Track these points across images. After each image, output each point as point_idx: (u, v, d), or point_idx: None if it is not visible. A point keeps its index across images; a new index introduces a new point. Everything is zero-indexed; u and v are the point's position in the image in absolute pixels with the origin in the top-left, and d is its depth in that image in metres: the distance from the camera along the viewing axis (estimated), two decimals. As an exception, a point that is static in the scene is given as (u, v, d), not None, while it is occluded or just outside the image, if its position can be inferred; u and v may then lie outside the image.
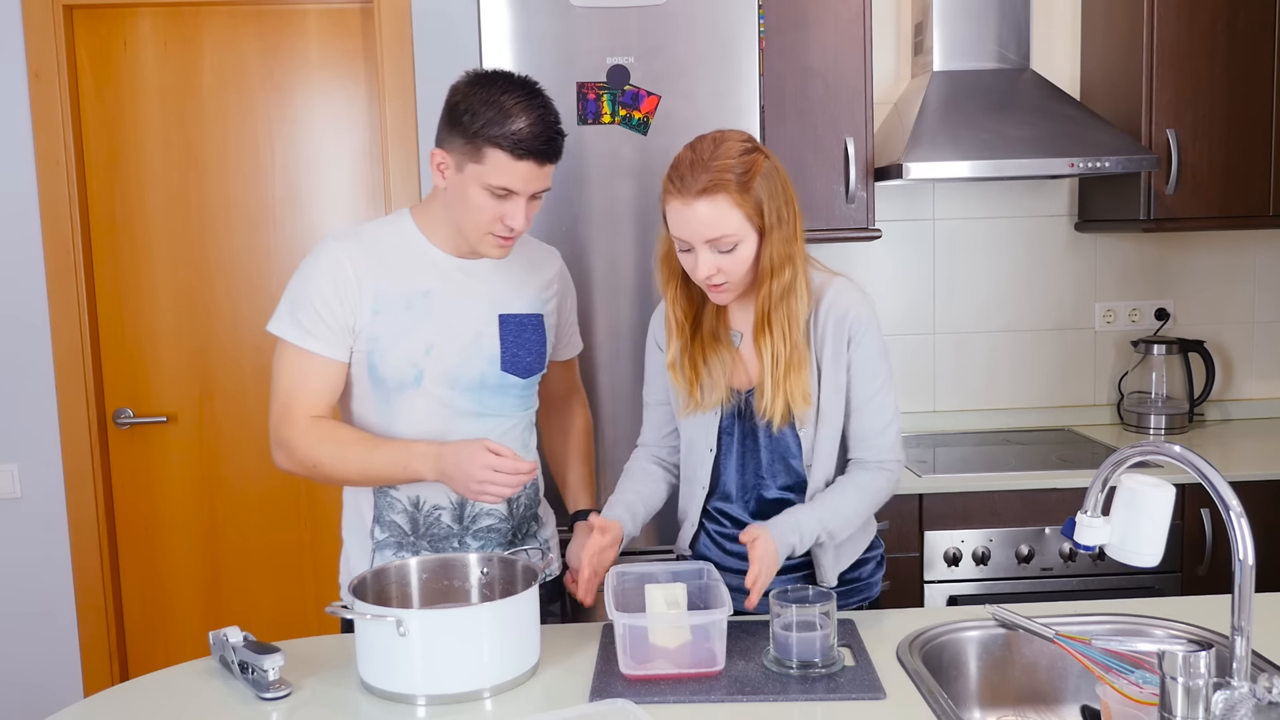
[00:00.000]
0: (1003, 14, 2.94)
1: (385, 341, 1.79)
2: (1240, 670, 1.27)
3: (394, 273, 1.81)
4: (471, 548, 1.87)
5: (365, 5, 3.08)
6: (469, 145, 1.72)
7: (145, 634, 3.22)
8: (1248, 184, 2.89)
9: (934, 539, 2.67)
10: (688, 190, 1.65)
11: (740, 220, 1.66)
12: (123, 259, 3.12)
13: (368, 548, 1.89)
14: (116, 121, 3.09)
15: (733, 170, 1.65)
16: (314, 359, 1.79)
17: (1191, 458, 1.31)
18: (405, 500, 1.85)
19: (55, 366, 3.04)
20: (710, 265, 1.68)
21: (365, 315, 1.79)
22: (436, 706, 1.49)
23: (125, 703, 1.56)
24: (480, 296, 1.86)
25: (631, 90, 2.39)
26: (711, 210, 1.65)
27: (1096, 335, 3.28)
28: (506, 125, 1.69)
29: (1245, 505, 1.28)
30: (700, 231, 1.66)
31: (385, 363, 1.80)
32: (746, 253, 1.69)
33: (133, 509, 3.18)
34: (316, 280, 1.78)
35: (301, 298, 1.79)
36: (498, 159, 1.70)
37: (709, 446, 1.84)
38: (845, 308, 1.76)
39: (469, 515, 1.87)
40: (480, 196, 1.73)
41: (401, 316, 1.80)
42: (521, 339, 1.89)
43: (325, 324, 1.78)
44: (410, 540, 1.86)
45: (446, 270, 1.84)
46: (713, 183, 1.64)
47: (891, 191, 3.18)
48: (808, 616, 1.54)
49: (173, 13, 3.06)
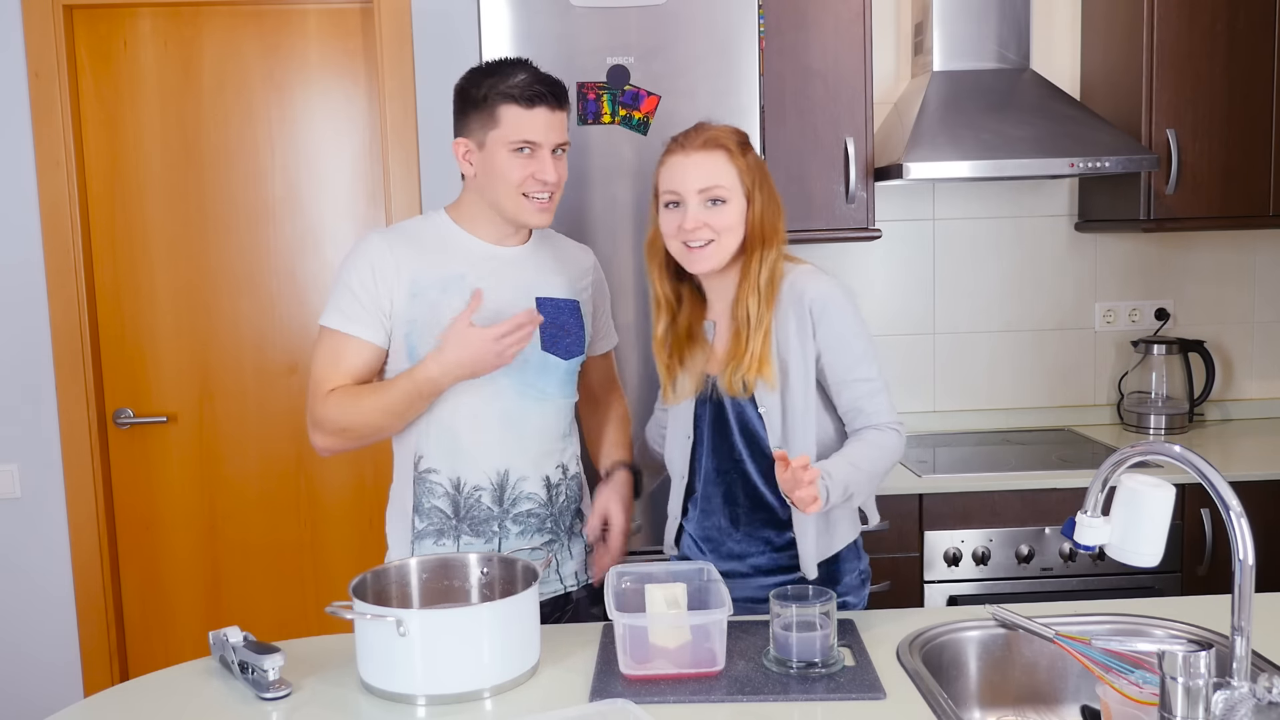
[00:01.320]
0: (1003, 14, 2.94)
1: (422, 323, 1.86)
2: (1240, 670, 1.27)
3: (431, 258, 1.89)
4: (511, 533, 1.91)
5: (365, 5, 3.08)
6: (483, 114, 1.84)
7: (145, 634, 3.22)
8: (1248, 184, 2.89)
9: (934, 539, 2.67)
10: (689, 144, 1.79)
11: (733, 178, 1.78)
12: (123, 259, 3.12)
13: (406, 540, 1.92)
14: (116, 121, 3.09)
15: (732, 137, 1.80)
16: (348, 340, 1.86)
17: (1191, 458, 1.31)
18: (446, 483, 1.90)
19: (55, 366, 3.05)
20: (697, 218, 1.76)
21: (402, 298, 1.86)
22: (436, 706, 1.49)
23: (125, 703, 1.57)
24: (517, 281, 1.93)
25: (632, 90, 2.40)
26: (709, 161, 1.77)
27: (1096, 335, 3.28)
28: (510, 79, 1.83)
29: (1245, 505, 1.28)
30: (695, 180, 1.77)
31: (424, 343, 1.85)
32: (732, 215, 1.78)
33: (133, 509, 3.18)
34: (357, 268, 1.87)
35: (342, 287, 1.88)
36: (512, 113, 1.83)
37: (687, 434, 1.90)
38: (804, 290, 1.80)
39: (509, 498, 1.91)
40: (508, 160, 1.84)
41: (438, 300, 1.87)
42: (560, 322, 1.95)
43: (361, 305, 1.86)
44: (452, 524, 1.90)
45: (483, 257, 1.92)
46: (712, 138, 1.79)
47: (891, 191, 3.18)
48: (808, 616, 1.54)
49: (173, 13, 3.06)
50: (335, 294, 1.89)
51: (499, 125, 1.83)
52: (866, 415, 1.81)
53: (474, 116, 1.86)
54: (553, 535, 1.96)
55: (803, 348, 1.79)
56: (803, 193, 2.84)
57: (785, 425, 1.80)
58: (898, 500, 2.64)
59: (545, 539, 1.95)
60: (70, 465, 3.07)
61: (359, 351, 1.87)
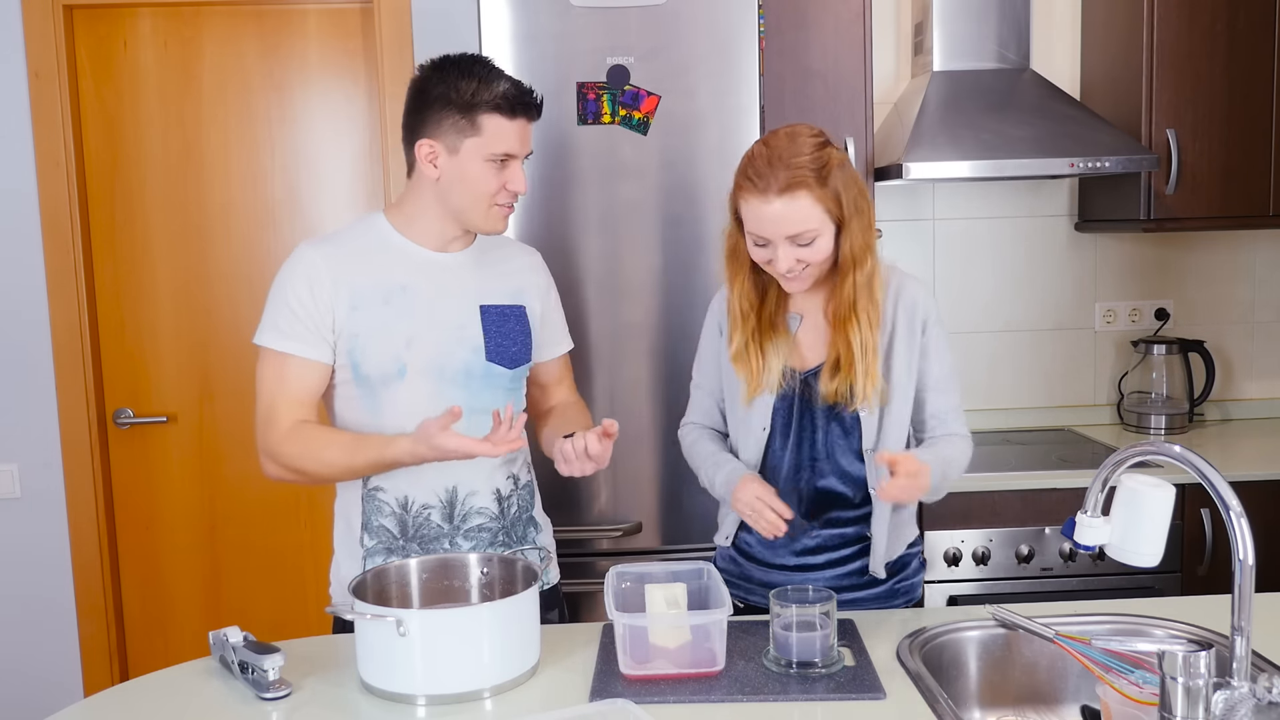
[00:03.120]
0: (1003, 14, 2.94)
1: (365, 337, 1.79)
2: (1240, 670, 1.27)
3: (370, 269, 1.82)
4: (463, 548, 1.86)
5: (365, 5, 3.08)
6: (463, 120, 1.75)
7: (145, 634, 3.22)
8: (1248, 184, 2.89)
9: (934, 539, 2.67)
10: (768, 188, 1.68)
11: (820, 215, 1.70)
12: (123, 259, 3.12)
13: (358, 555, 1.87)
14: (116, 121, 3.09)
15: (809, 166, 1.68)
16: (292, 360, 1.79)
17: (1191, 458, 1.31)
18: (393, 502, 1.84)
19: (55, 366, 3.05)
20: (790, 259, 1.71)
21: (343, 312, 1.79)
22: (436, 706, 1.49)
23: (125, 703, 1.57)
24: (460, 289, 1.86)
25: (631, 90, 2.39)
26: (792, 207, 1.68)
27: (1096, 335, 3.28)
28: (494, 89, 1.75)
29: (1245, 505, 1.28)
30: (782, 229, 1.69)
31: (367, 359, 1.80)
32: (825, 244, 1.73)
33: (133, 509, 3.18)
34: (292, 283, 1.79)
35: (278, 303, 1.80)
36: (494, 124, 1.75)
37: (763, 426, 1.85)
38: (916, 296, 1.82)
39: (459, 514, 1.86)
40: (482, 169, 1.77)
41: (380, 311, 1.80)
42: (505, 329, 1.88)
43: (301, 323, 1.78)
44: (400, 544, 1.85)
45: (423, 264, 1.85)
46: (793, 180, 1.67)
47: (892, 191, 3.18)
48: (808, 616, 1.54)
49: (173, 13, 3.06)
50: (271, 311, 1.80)
51: (480, 134, 1.75)
52: (947, 422, 1.85)
53: (448, 118, 1.76)
54: (505, 548, 1.90)
55: (909, 356, 1.81)
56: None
57: (881, 432, 1.81)
58: (898, 500, 2.64)
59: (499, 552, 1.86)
60: (70, 465, 3.07)
61: (304, 371, 1.79)
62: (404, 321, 1.81)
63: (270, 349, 1.79)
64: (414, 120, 1.81)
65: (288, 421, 1.78)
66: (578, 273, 2.49)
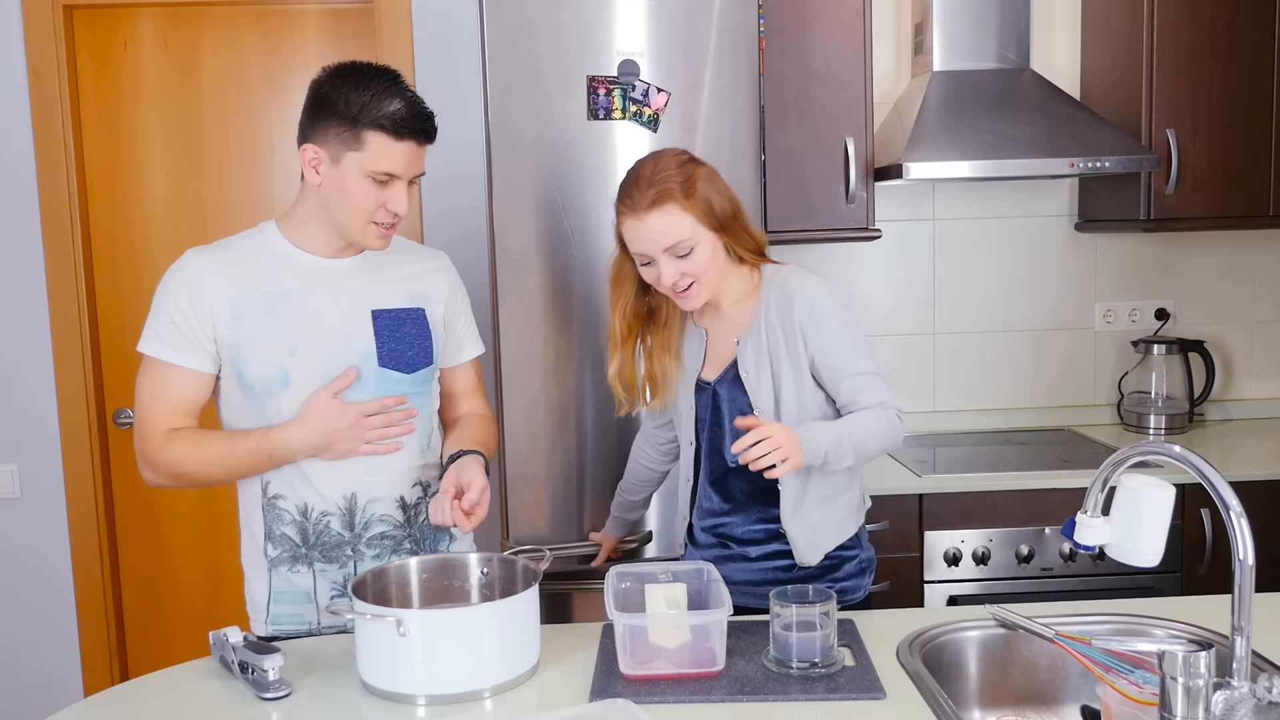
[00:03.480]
0: (1003, 14, 2.94)
1: (247, 347, 1.75)
2: (1240, 670, 1.27)
3: (254, 277, 1.78)
4: (366, 556, 1.82)
5: (365, 5, 3.08)
6: (347, 133, 1.70)
7: (145, 634, 3.22)
8: (1248, 184, 2.89)
9: (934, 539, 2.67)
10: (638, 206, 1.78)
11: (691, 224, 1.78)
12: (122, 259, 3.12)
13: (263, 568, 1.83)
14: (116, 121, 3.09)
15: (673, 180, 1.78)
16: (171, 370, 1.75)
17: (1191, 458, 1.31)
18: (294, 509, 1.80)
19: (55, 366, 3.05)
20: (673, 272, 1.79)
21: (225, 321, 1.75)
22: (436, 706, 1.49)
23: (125, 703, 1.57)
24: (349, 295, 1.81)
25: (643, 86, 2.38)
26: (662, 219, 1.77)
27: (1096, 335, 3.28)
28: (384, 107, 1.70)
29: (1245, 505, 1.28)
30: (657, 242, 1.78)
31: (250, 367, 1.76)
32: (703, 254, 1.79)
33: (133, 509, 3.18)
34: (172, 290, 1.75)
35: (158, 311, 1.76)
36: (379, 142, 1.70)
37: (689, 441, 1.95)
38: (794, 291, 1.83)
39: (359, 522, 1.82)
40: (361, 185, 1.72)
41: (263, 320, 1.75)
42: (400, 334, 1.83)
43: (180, 332, 1.74)
44: (302, 552, 1.81)
45: (312, 271, 1.80)
46: (659, 195, 1.77)
47: (891, 191, 3.18)
48: (808, 616, 1.54)
49: (173, 13, 3.06)
50: (152, 318, 1.76)
51: (362, 149, 1.70)
52: (866, 401, 1.84)
53: (334, 128, 1.71)
54: (413, 553, 1.86)
55: (791, 358, 1.83)
56: (803, 193, 2.84)
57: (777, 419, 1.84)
58: (898, 500, 2.64)
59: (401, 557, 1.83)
60: (70, 465, 3.07)
61: (184, 381, 1.75)
62: (287, 329, 1.76)
63: (150, 356, 1.76)
64: (305, 123, 1.77)
65: (164, 429, 1.75)
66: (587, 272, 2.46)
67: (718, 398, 1.89)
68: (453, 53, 3.00)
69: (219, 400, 1.83)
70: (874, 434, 1.79)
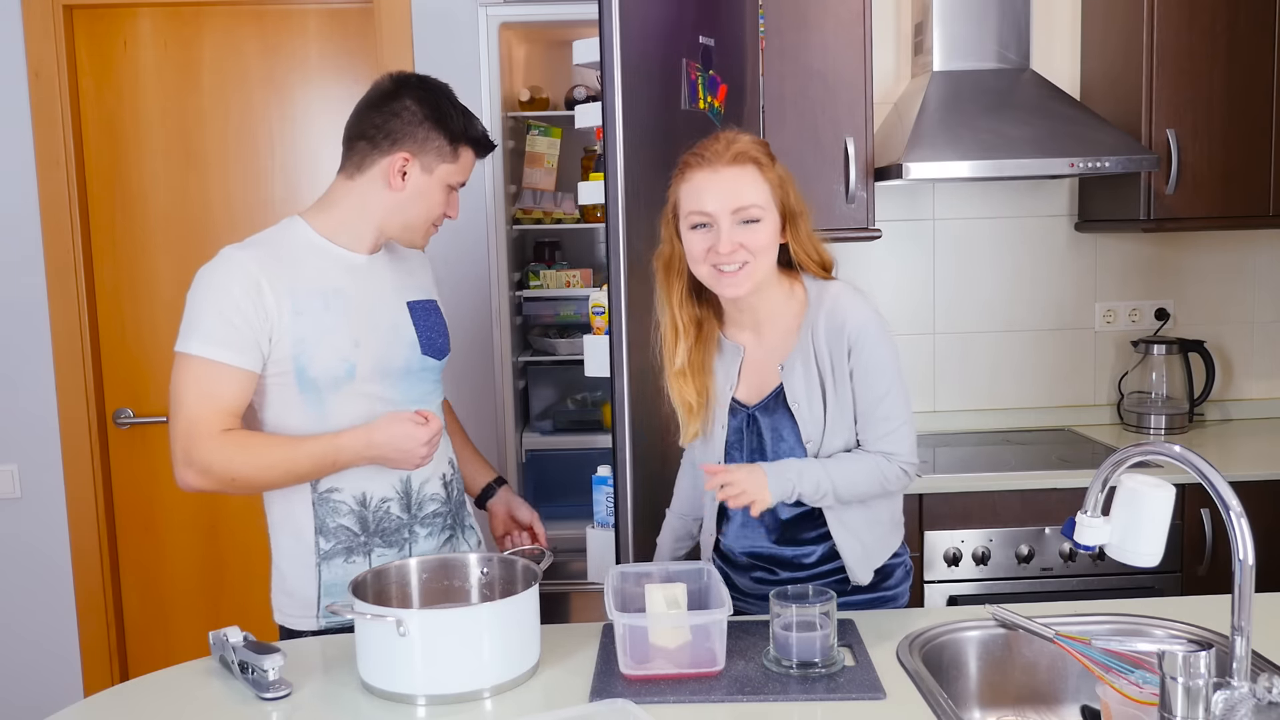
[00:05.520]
0: (1003, 14, 2.94)
1: (312, 341, 1.76)
2: (1240, 670, 1.27)
3: (304, 273, 1.79)
4: (419, 536, 1.87)
5: (365, 5, 3.08)
6: (447, 148, 1.83)
7: (145, 634, 3.22)
8: (1248, 184, 2.89)
9: (934, 539, 2.67)
10: (717, 159, 1.67)
11: (766, 194, 1.68)
12: (123, 259, 3.12)
13: (311, 564, 1.83)
14: (116, 121, 3.09)
15: (760, 149, 1.70)
16: (226, 370, 1.72)
17: (1191, 458, 1.31)
18: (351, 501, 1.82)
19: (55, 366, 3.05)
20: (732, 240, 1.66)
21: (286, 318, 1.74)
22: (436, 706, 1.49)
23: (125, 703, 1.57)
24: (386, 288, 1.88)
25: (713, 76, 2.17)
26: (741, 177, 1.67)
27: (1096, 335, 3.28)
28: (476, 128, 1.88)
29: (1245, 505, 1.28)
30: (729, 199, 1.66)
31: (315, 362, 1.76)
32: (767, 234, 1.68)
33: (133, 509, 3.18)
34: (227, 289, 1.73)
35: (208, 310, 1.73)
36: (468, 157, 1.88)
37: (718, 460, 1.82)
38: (844, 317, 1.71)
39: (415, 503, 1.88)
40: (440, 194, 1.86)
41: (322, 315, 1.78)
42: (430, 323, 1.94)
43: (237, 331, 1.72)
44: (360, 541, 1.83)
45: (350, 267, 1.84)
46: (742, 152, 1.68)
47: (891, 191, 3.18)
48: (808, 616, 1.54)
49: (173, 13, 3.06)
50: (200, 318, 1.72)
51: (456, 162, 1.85)
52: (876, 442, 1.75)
53: (434, 141, 1.81)
54: (452, 531, 1.94)
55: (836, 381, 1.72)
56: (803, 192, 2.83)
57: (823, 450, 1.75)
58: (898, 500, 2.64)
59: (446, 535, 1.93)
60: (70, 465, 3.07)
61: (234, 381, 1.73)
62: (347, 323, 1.79)
63: (199, 356, 1.72)
64: (391, 129, 1.81)
65: (218, 430, 1.72)
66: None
67: (756, 424, 1.78)
68: (453, 53, 3.00)
69: (263, 400, 1.80)
70: (857, 482, 1.72)
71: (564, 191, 3.12)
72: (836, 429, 1.74)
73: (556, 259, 3.23)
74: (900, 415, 1.73)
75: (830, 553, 1.80)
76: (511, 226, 3.01)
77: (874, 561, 1.81)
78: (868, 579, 1.81)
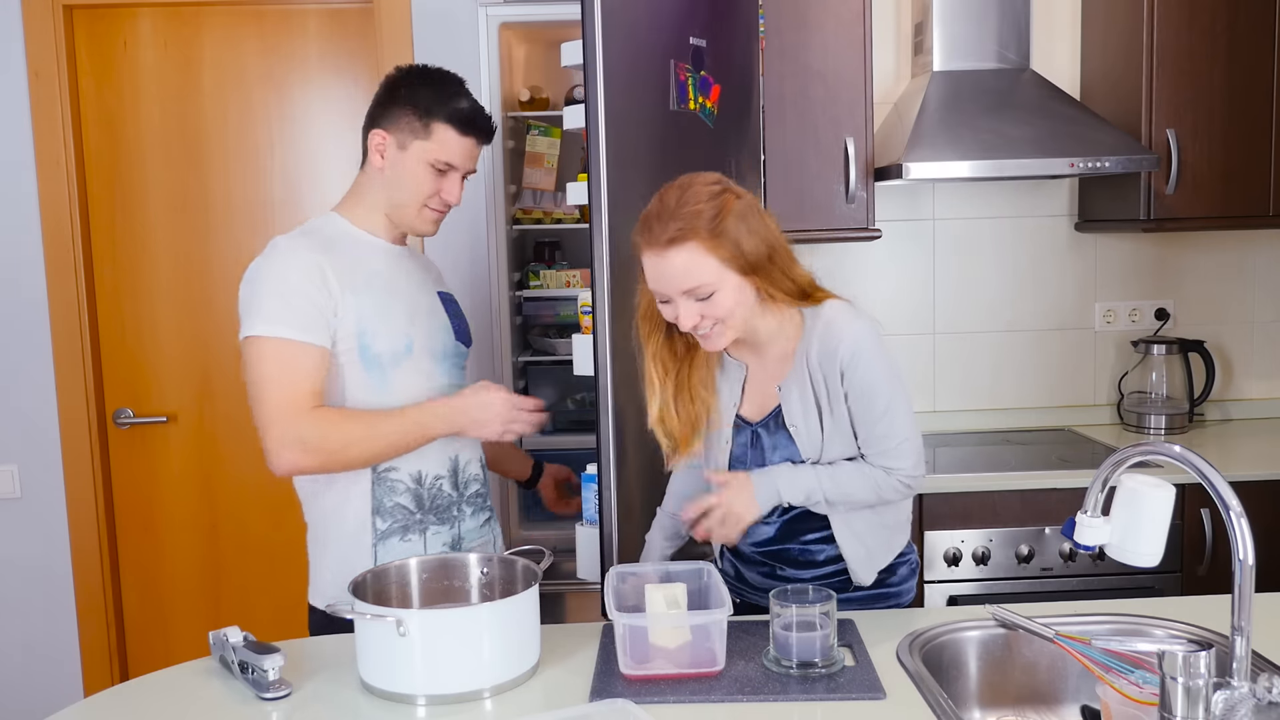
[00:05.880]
0: (1003, 14, 2.94)
1: (374, 319, 1.84)
2: (1240, 670, 1.27)
3: (350, 259, 1.86)
4: (466, 514, 1.96)
5: (365, 5, 3.08)
6: (417, 122, 1.87)
7: (145, 634, 3.22)
8: (1248, 184, 2.89)
9: (934, 539, 2.67)
10: (656, 241, 1.61)
11: (715, 266, 1.61)
12: (123, 259, 3.12)
13: (367, 545, 1.88)
14: (116, 121, 3.09)
15: (701, 215, 1.60)
16: (302, 348, 1.77)
17: (1191, 458, 1.31)
18: (407, 479, 1.89)
19: (55, 366, 3.05)
20: (693, 315, 1.64)
21: (347, 296, 1.81)
22: (436, 706, 1.49)
23: (125, 703, 1.57)
24: (418, 277, 1.98)
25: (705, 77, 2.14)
26: (683, 258, 1.60)
27: (1096, 335, 3.28)
28: (454, 104, 1.88)
29: (1245, 505, 1.28)
30: (676, 282, 1.62)
31: (379, 338, 1.84)
32: (726, 298, 1.63)
33: (133, 509, 3.18)
34: (286, 275, 1.79)
35: (272, 295, 1.78)
36: (445, 134, 1.87)
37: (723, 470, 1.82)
38: (836, 340, 1.70)
39: (462, 481, 1.97)
40: (422, 172, 1.88)
41: (380, 295, 1.86)
42: (456, 311, 2.04)
43: (304, 313, 1.77)
44: (416, 519, 1.90)
45: (386, 254, 1.93)
46: (681, 230, 1.59)
47: (891, 191, 3.18)
48: (808, 616, 1.54)
49: (173, 13, 3.06)
50: (267, 302, 1.77)
51: (429, 139, 1.87)
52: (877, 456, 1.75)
53: (405, 118, 1.87)
54: (490, 513, 2.04)
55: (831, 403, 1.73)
56: (803, 193, 2.84)
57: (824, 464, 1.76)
58: (898, 500, 2.64)
59: (485, 517, 2.02)
60: (70, 465, 3.07)
61: (311, 358, 1.78)
62: (398, 303, 1.88)
63: (273, 338, 1.76)
64: (376, 112, 1.91)
65: (309, 407, 1.77)
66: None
67: (759, 439, 1.79)
68: (453, 53, 2.99)
69: (341, 380, 1.84)
70: (851, 490, 1.72)
71: (564, 191, 3.12)
72: (834, 446, 1.74)
73: (556, 259, 3.23)
74: (900, 432, 1.72)
75: (838, 552, 1.80)
76: (511, 226, 3.01)
77: (878, 563, 1.82)
78: (870, 580, 1.82)
